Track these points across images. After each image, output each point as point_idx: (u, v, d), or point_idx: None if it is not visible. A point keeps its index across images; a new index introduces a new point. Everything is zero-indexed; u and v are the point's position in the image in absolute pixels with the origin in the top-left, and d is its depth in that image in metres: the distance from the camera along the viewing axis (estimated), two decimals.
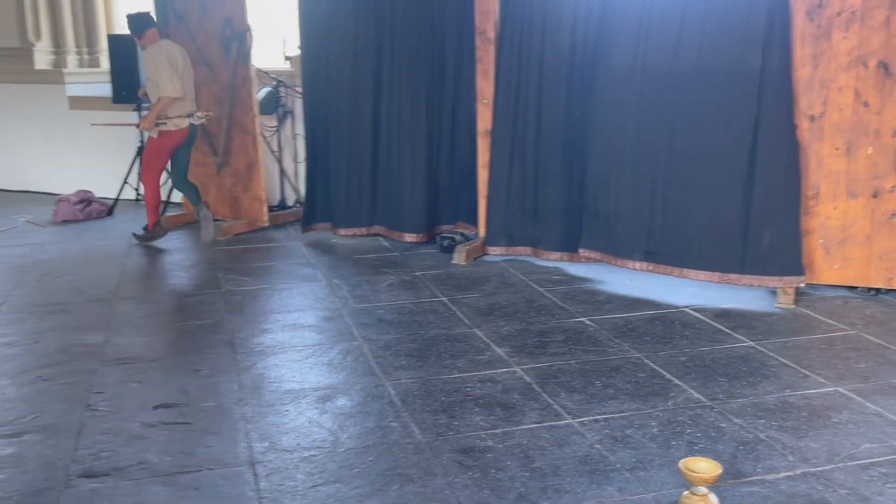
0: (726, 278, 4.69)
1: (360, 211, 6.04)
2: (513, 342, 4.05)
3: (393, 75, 5.76)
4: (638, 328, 4.24)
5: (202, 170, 6.61)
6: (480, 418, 3.25)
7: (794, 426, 3.16)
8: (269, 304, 4.72)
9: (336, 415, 3.30)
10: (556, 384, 3.56)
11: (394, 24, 5.70)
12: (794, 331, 4.20)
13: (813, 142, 4.57)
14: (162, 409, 3.36)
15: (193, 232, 6.32)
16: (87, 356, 3.93)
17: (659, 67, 4.77)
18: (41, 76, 7.74)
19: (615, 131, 4.95)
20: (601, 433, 3.12)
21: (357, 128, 5.92)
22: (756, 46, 4.50)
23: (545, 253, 5.38)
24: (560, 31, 5.12)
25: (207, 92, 6.43)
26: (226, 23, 6.21)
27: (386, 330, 4.24)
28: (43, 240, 6.21)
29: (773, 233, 4.55)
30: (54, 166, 7.81)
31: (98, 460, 2.95)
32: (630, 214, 4.96)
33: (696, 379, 3.60)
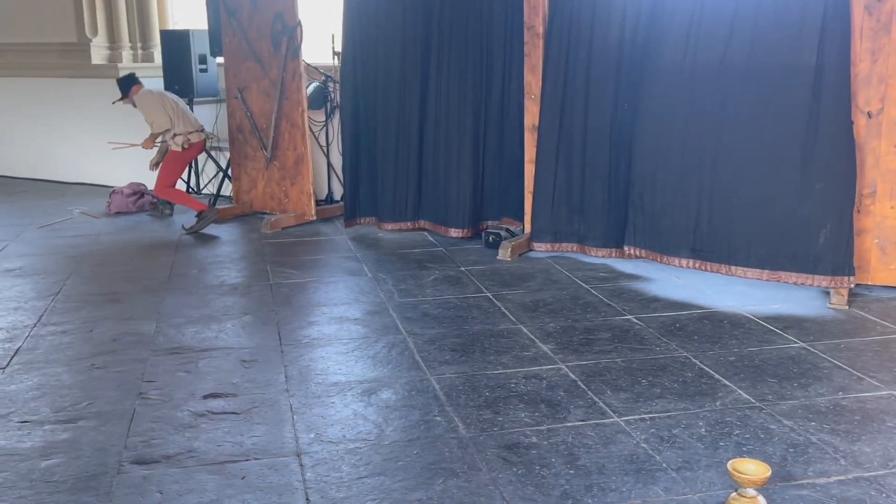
0: (776, 276, 4.61)
1: (405, 205, 6.07)
2: (558, 339, 4.04)
3: (440, 69, 5.77)
4: (686, 327, 4.19)
5: (251, 163, 6.71)
6: (525, 414, 3.24)
7: (847, 429, 3.10)
8: (315, 297, 4.77)
9: (381, 408, 3.32)
10: (602, 382, 3.54)
11: (442, 19, 5.70)
12: (847, 332, 4.11)
13: (870, 139, 4.46)
14: (210, 398, 3.42)
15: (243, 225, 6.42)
16: (139, 345, 4.01)
17: (709, 63, 4.70)
18: (97, 71, 7.91)
19: (663, 127, 4.89)
20: (647, 432, 3.09)
21: (404, 122, 5.95)
22: (812, 41, 4.40)
23: (591, 249, 5.34)
24: (609, 26, 5.08)
25: (257, 87, 6.52)
26: (276, 18, 6.28)
27: (430, 324, 4.25)
28: (97, 230, 6.36)
29: (828, 231, 4.45)
30: (108, 159, 7.97)
31: (149, 447, 3.02)
32: (676, 211, 4.90)
33: (745, 379, 3.55)
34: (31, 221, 6.67)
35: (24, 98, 8.37)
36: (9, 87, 8.43)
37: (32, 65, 8.21)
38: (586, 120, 5.23)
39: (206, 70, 7.02)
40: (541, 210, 5.45)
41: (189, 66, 6.88)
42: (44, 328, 4.26)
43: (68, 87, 8.07)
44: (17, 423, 3.21)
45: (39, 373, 3.69)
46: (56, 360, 3.84)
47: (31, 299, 4.72)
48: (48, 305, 4.60)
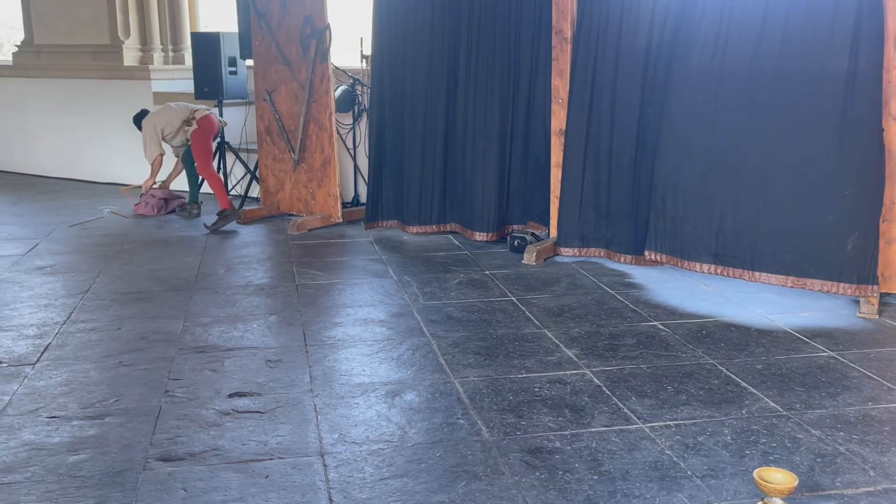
0: (800, 283, 4.56)
1: (430, 209, 6.08)
2: (583, 344, 4.02)
3: (468, 73, 5.77)
4: (712, 334, 4.15)
5: (279, 165, 6.75)
6: (549, 419, 3.23)
7: (877, 440, 3.05)
8: (340, 299, 4.79)
9: (404, 409, 3.32)
10: (627, 388, 3.51)
11: (470, 22, 5.71)
12: (877, 342, 4.05)
13: None
14: (236, 397, 3.45)
15: (270, 226, 6.47)
16: (166, 343, 4.05)
17: (738, 66, 4.66)
18: (129, 72, 8.03)
19: (688, 130, 4.86)
20: (672, 439, 3.06)
21: (430, 126, 5.96)
22: (844, 46, 4.35)
23: (618, 255, 5.32)
24: (637, 30, 5.05)
25: (286, 89, 6.57)
26: (306, 21, 6.33)
27: (455, 327, 4.25)
28: (126, 230, 6.44)
29: (856, 239, 4.39)
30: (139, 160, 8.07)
31: (174, 445, 3.04)
32: (699, 215, 4.86)
33: (773, 388, 3.51)
34: (62, 220, 6.77)
35: (58, 98, 8.51)
36: (43, 87, 8.58)
37: (66, 66, 8.35)
38: (613, 124, 5.21)
39: (236, 72, 7.09)
40: (567, 215, 5.44)
41: (219, 68, 6.95)
42: (73, 325, 4.31)
43: (100, 88, 8.19)
44: (46, 419, 3.25)
45: (68, 369, 3.74)
46: (84, 357, 3.89)
47: (61, 297, 4.79)
48: (78, 303, 4.67)
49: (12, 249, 5.85)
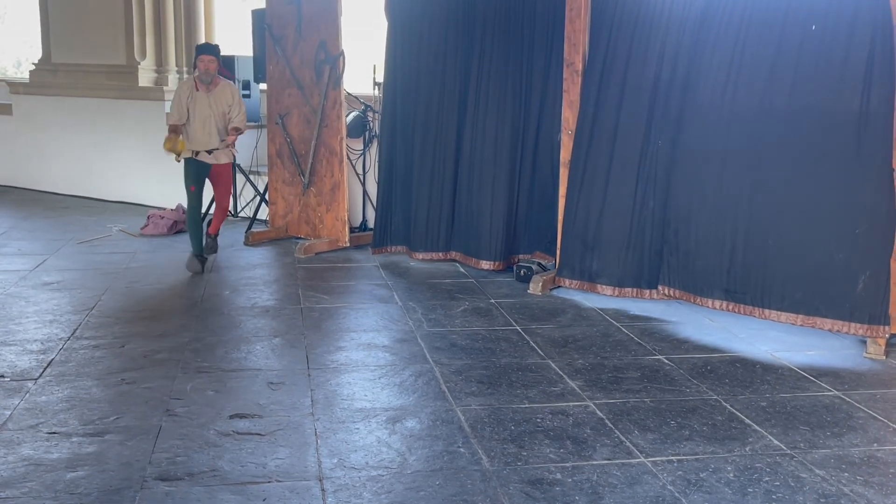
0: (810, 321, 4.53)
1: (437, 236, 6.09)
2: (586, 376, 4.00)
3: (479, 103, 5.81)
4: (717, 370, 4.12)
5: (288, 188, 6.79)
6: (550, 450, 3.20)
7: (881, 482, 3.01)
8: (345, 323, 4.79)
9: (405, 436, 3.30)
10: (630, 421, 3.49)
11: (482, 53, 5.76)
12: (883, 383, 4.01)
13: None
14: (236, 418, 3.43)
15: (277, 249, 6.50)
16: (169, 363, 4.05)
17: (749, 103, 4.68)
18: (143, 93, 8.11)
19: (699, 166, 4.87)
20: (674, 474, 3.03)
21: (440, 154, 5.99)
22: (856, 87, 4.37)
23: (621, 289, 5.29)
24: (646, 65, 5.08)
25: (298, 113, 6.62)
26: (320, 46, 6.39)
27: (458, 355, 4.24)
28: (134, 248, 6.46)
29: (867, 278, 4.37)
30: (150, 180, 8.13)
31: (173, 464, 3.03)
32: (711, 251, 4.85)
33: (777, 426, 3.48)
34: (72, 237, 6.80)
35: (73, 117, 8.59)
36: (59, 105, 8.67)
37: (82, 85, 8.44)
38: (618, 157, 5.21)
39: (249, 96, 7.15)
40: (570, 246, 5.42)
41: None
42: (77, 342, 4.32)
43: (115, 107, 8.27)
44: (46, 434, 3.24)
45: (70, 385, 3.74)
46: (87, 374, 3.88)
47: (66, 313, 4.80)
48: (83, 320, 4.67)
49: (21, 265, 5.87)
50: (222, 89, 5.81)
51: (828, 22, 4.43)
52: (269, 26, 6.63)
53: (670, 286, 5.07)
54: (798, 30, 4.52)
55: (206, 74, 5.72)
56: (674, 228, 5.01)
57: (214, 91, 5.77)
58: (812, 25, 4.47)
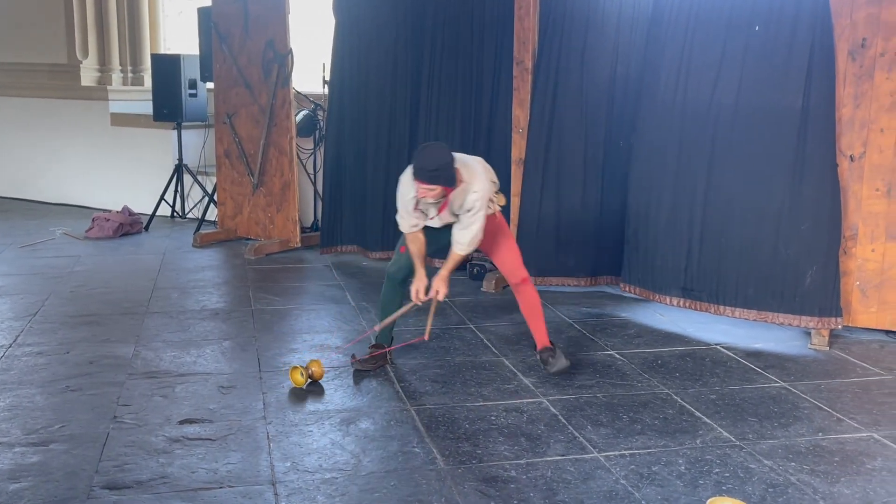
0: (763, 316, 4.62)
1: (392, 235, 6.04)
2: (540, 372, 4.01)
3: (430, 102, 5.80)
4: (668, 364, 4.18)
5: (237, 189, 6.69)
6: (504, 448, 3.21)
7: (827, 471, 3.08)
8: (297, 324, 4.73)
9: (359, 438, 3.28)
10: (583, 417, 3.51)
11: (433, 53, 5.75)
12: (827, 373, 4.11)
13: (852, 182, 4.50)
14: (186, 423, 3.37)
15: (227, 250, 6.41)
16: (116, 368, 3.96)
17: (699, 101, 4.74)
18: (86, 93, 7.92)
19: (655, 165, 4.92)
20: (627, 468, 3.06)
21: (393, 153, 5.95)
22: (797, 84, 4.45)
23: (576, 283, 5.34)
24: (599, 63, 5.13)
25: (246, 112, 6.53)
26: (268, 45, 6.31)
27: (412, 354, 4.22)
28: (79, 252, 6.31)
29: (815, 272, 4.47)
30: (94, 181, 7.95)
31: (121, 472, 2.96)
32: (668, 250, 4.91)
33: (726, 418, 3.53)
34: (13, 241, 6.61)
35: (13, 117, 8.35)
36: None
37: (22, 84, 8.21)
38: (573, 154, 5.26)
39: (196, 95, 7.03)
40: (524, 243, 5.44)
41: (179, 90, 6.89)
42: (19, 349, 4.19)
43: (57, 108, 8.05)
44: None
45: (12, 394, 3.63)
46: (30, 382, 3.78)
47: (7, 319, 4.66)
48: (25, 326, 4.54)
49: None
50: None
51: (770, 22, 4.52)
52: (215, 24, 6.53)
53: (631, 284, 5.13)
54: (742, 30, 4.59)
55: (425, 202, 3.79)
56: (633, 228, 5.06)
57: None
58: (756, 26, 4.56)
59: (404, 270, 4.00)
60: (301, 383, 3.74)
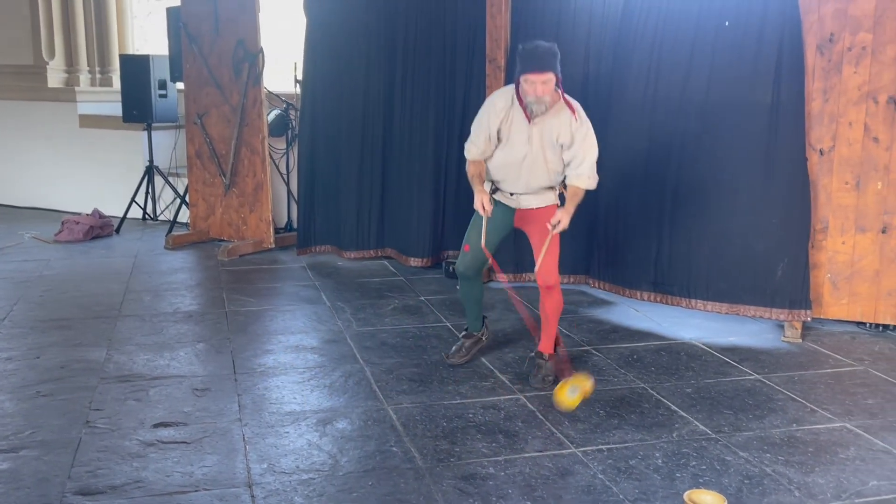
0: (735, 309, 4.66)
1: (368, 234, 6.04)
2: (517, 369, 4.01)
3: (404, 101, 5.78)
4: (643, 358, 4.20)
5: (209, 189, 6.63)
6: (482, 445, 3.20)
7: (801, 461, 3.11)
8: (271, 326, 4.70)
9: (336, 438, 3.26)
10: (560, 412, 3.52)
11: (405, 52, 5.74)
12: (801, 365, 4.16)
13: (822, 176, 4.55)
14: (161, 427, 3.33)
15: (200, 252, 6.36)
16: (88, 372, 3.90)
17: (670, 97, 4.77)
18: (53, 94, 7.79)
19: (625, 161, 4.95)
20: (604, 463, 3.07)
21: (367, 152, 5.94)
22: (767, 79, 4.50)
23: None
24: (573, 61, 5.13)
25: (217, 112, 6.47)
26: (238, 44, 6.26)
27: (389, 354, 4.21)
28: (48, 256, 6.21)
29: (785, 266, 4.52)
30: (63, 184, 7.84)
31: (94, 478, 2.92)
32: (638, 245, 4.93)
33: (702, 411, 3.56)
34: None
35: None
36: None
37: None
38: None
39: (166, 95, 6.95)
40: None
41: (148, 91, 6.81)
42: None
43: (24, 109, 7.92)
44: None
45: None
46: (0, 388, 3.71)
47: None
48: None
49: None
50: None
51: (739, 18, 4.56)
52: (185, 24, 6.46)
53: (600, 279, 5.15)
54: (712, 26, 4.63)
55: (538, 102, 3.54)
56: (603, 223, 5.07)
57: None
58: (725, 21, 4.59)
59: (473, 267, 3.89)
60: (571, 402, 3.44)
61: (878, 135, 4.43)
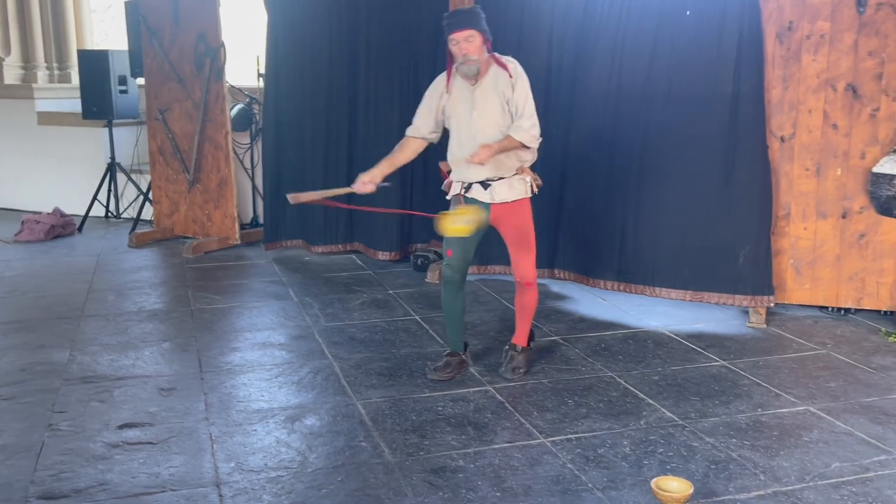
0: (699, 297, 4.70)
1: (337, 228, 6.01)
2: (485, 361, 4.02)
3: (368, 94, 5.76)
4: (611, 347, 4.23)
5: (173, 186, 6.55)
6: (452, 438, 3.20)
7: (766, 445, 3.16)
8: (238, 323, 4.65)
9: (305, 434, 3.24)
10: (529, 403, 3.53)
11: (369, 43, 5.71)
12: (765, 350, 4.21)
13: (783, 163, 4.61)
14: (126, 428, 3.28)
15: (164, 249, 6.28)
16: (51, 374, 3.83)
17: (633, 87, 4.80)
18: (10, 91, 7.64)
19: (591, 151, 4.97)
20: (573, 452, 3.09)
21: (332, 145, 5.91)
22: (728, 68, 4.54)
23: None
24: (536, 52, 5.13)
25: (180, 108, 6.38)
26: (199, 39, 6.17)
27: (357, 348, 4.19)
28: (9, 256, 6.09)
29: (747, 252, 4.57)
30: (22, 182, 7.69)
31: (58, 481, 2.87)
32: (603, 234, 4.96)
33: (669, 398, 3.59)
34: None
35: None
36: None
37: None
38: None
39: (127, 91, 6.84)
40: None
41: (108, 87, 6.69)
42: None
43: None
44: None
45: None
46: None
47: None
48: None
49: None
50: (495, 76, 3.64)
51: (701, 6, 4.59)
52: (144, 18, 6.36)
53: (565, 269, 5.17)
54: (674, 15, 4.66)
55: (466, 62, 3.56)
56: (568, 212, 5.09)
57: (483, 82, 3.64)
58: (686, 10, 4.62)
59: (460, 269, 3.77)
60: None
61: (837, 121, 4.50)
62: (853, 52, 4.41)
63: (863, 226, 4.54)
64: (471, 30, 3.51)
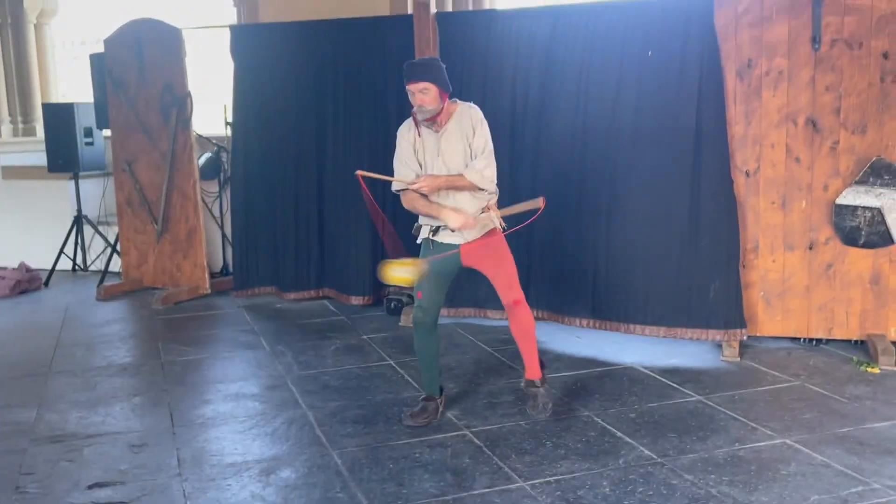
0: (672, 332, 4.72)
1: (308, 275, 5.98)
2: (462, 404, 3.99)
3: (336, 138, 5.77)
4: (587, 386, 4.22)
5: (141, 237, 6.49)
6: (430, 485, 3.16)
7: (745, 480, 3.15)
8: (210, 374, 4.58)
9: (280, 487, 3.18)
10: (507, 446, 3.50)
11: (336, 88, 5.74)
12: (740, 384, 4.22)
13: (749, 196, 4.68)
14: (96, 488, 3.20)
15: (133, 301, 6.20)
16: (17, 434, 3.74)
17: (598, 125, 4.85)
18: None
19: (558, 190, 5.00)
20: (553, 495, 3.06)
21: (303, 191, 5.91)
22: (690, 105, 4.62)
23: (491, 312, 5.34)
24: (501, 89, 5.17)
25: (147, 159, 6.36)
26: (165, 89, 6.17)
27: (332, 396, 4.14)
28: None
29: (717, 286, 4.61)
30: None
31: None
32: (575, 272, 4.98)
33: (647, 436, 3.58)
34: None
35: None
36: None
37: None
38: None
39: (93, 143, 6.81)
40: None
41: (74, 139, 6.66)
42: None
43: None
44: None
45: None
46: None
47: None
48: None
49: None
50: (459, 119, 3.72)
51: (662, 44, 4.68)
52: (109, 70, 6.35)
53: (538, 308, 5.16)
54: (637, 52, 4.74)
55: (420, 112, 3.67)
56: (539, 253, 5.11)
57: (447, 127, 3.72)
58: (649, 52, 4.71)
59: (430, 313, 3.75)
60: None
61: (800, 155, 4.58)
62: (811, 88, 4.52)
63: (829, 256, 4.61)
64: (426, 83, 3.59)
